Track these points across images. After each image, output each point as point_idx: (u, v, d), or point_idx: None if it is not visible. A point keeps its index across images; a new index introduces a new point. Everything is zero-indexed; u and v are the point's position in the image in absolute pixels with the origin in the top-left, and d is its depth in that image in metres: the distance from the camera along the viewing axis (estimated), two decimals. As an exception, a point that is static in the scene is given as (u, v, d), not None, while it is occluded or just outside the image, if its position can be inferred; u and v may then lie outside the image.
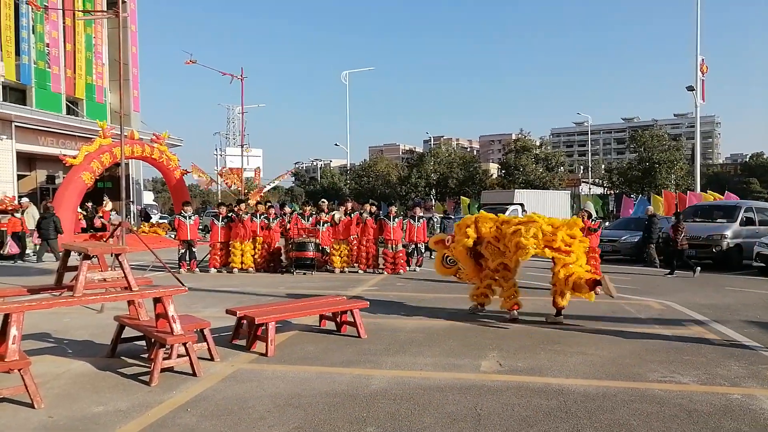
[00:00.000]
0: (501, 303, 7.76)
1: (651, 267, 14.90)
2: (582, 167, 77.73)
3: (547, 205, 24.01)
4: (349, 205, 14.71)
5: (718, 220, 15.84)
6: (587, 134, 78.73)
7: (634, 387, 4.97)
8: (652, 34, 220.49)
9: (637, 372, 5.42)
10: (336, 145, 65.54)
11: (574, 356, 5.96)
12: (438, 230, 16.27)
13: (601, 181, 61.09)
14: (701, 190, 27.49)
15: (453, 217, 21.08)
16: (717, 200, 22.82)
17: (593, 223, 10.86)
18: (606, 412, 4.38)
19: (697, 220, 16.29)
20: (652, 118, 79.09)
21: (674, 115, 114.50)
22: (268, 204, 14.51)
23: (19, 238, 16.28)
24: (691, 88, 26.81)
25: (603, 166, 70.67)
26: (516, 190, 25.99)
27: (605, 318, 8.05)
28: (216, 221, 13.88)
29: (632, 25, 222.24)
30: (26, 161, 23.29)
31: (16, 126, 20.90)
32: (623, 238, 17.15)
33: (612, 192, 51.12)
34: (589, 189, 57.04)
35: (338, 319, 7.03)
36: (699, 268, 13.12)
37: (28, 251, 16.92)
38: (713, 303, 9.36)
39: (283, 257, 14.02)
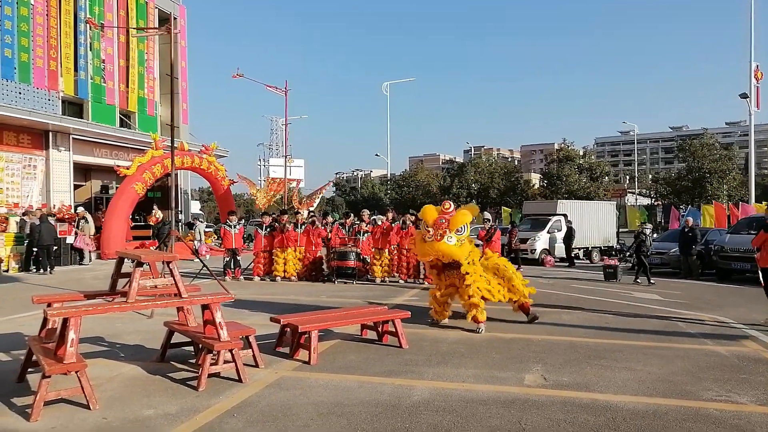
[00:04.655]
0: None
1: (692, 279, 14.50)
2: (628, 177, 75.66)
3: (591, 216, 23.38)
4: (390, 214, 14.77)
5: (776, 233, 15.08)
6: (633, 143, 76.62)
7: (686, 405, 4.78)
8: (701, 40, 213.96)
9: (689, 390, 5.22)
10: (377, 155, 66.20)
11: (622, 372, 5.79)
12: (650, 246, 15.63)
13: (648, 192, 59.31)
14: (756, 201, 26.34)
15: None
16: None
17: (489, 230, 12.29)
18: (657, 431, 4.23)
19: (752, 232, 15.55)
20: (702, 126, 76.18)
21: (726, 123, 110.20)
22: (311, 214, 14.73)
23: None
24: (744, 96, 25.81)
25: (650, 176, 68.58)
26: (559, 201, 25.43)
27: (654, 333, 7.80)
28: (260, 230, 14.16)
29: (681, 32, 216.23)
30: (82, 172, 24.36)
31: (73, 138, 21.93)
32: (672, 250, 16.59)
33: (660, 203, 49.53)
34: (636, 199, 55.46)
35: (380, 329, 7.05)
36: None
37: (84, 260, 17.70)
38: (771, 319, 8.91)
39: (324, 266, 14.16)
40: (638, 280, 14.12)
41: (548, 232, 21.25)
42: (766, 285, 8.81)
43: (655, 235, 22.15)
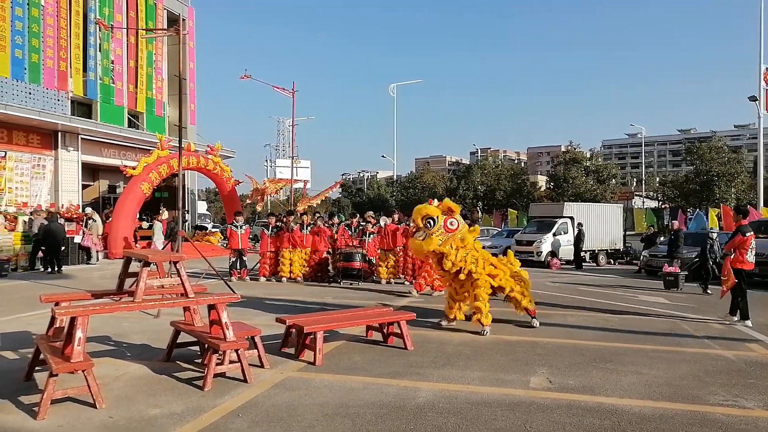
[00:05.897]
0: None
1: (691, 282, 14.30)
2: (635, 180, 75.33)
3: (598, 219, 23.29)
4: (396, 216, 14.77)
5: (784, 237, 14.98)
6: (641, 146, 76.30)
7: (693, 410, 4.76)
8: (710, 43, 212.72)
9: (696, 394, 5.19)
10: (383, 156, 66.24)
11: (628, 375, 5.77)
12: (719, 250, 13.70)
13: (655, 195, 58.95)
14: (765, 205, 26.14)
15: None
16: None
17: None
18: (663, 434, 4.21)
19: (761, 236, 15.43)
20: (711, 129, 75.81)
21: (734, 126, 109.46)
22: (317, 215, 14.75)
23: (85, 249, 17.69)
24: (753, 98, 25.67)
25: (657, 179, 68.22)
26: (566, 203, 25.34)
27: (661, 336, 7.77)
28: (266, 231, 14.20)
29: (689, 34, 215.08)
30: (90, 172, 24.53)
31: (82, 138, 22.09)
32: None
33: (667, 206, 49.23)
34: (643, 202, 55.15)
35: (385, 330, 7.05)
36: None
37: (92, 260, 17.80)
38: (779, 324, 8.86)
39: (330, 267, 14.18)
40: (708, 291, 13.01)
41: (554, 235, 21.19)
42: (736, 283, 9.02)
43: (661, 238, 22.05)
